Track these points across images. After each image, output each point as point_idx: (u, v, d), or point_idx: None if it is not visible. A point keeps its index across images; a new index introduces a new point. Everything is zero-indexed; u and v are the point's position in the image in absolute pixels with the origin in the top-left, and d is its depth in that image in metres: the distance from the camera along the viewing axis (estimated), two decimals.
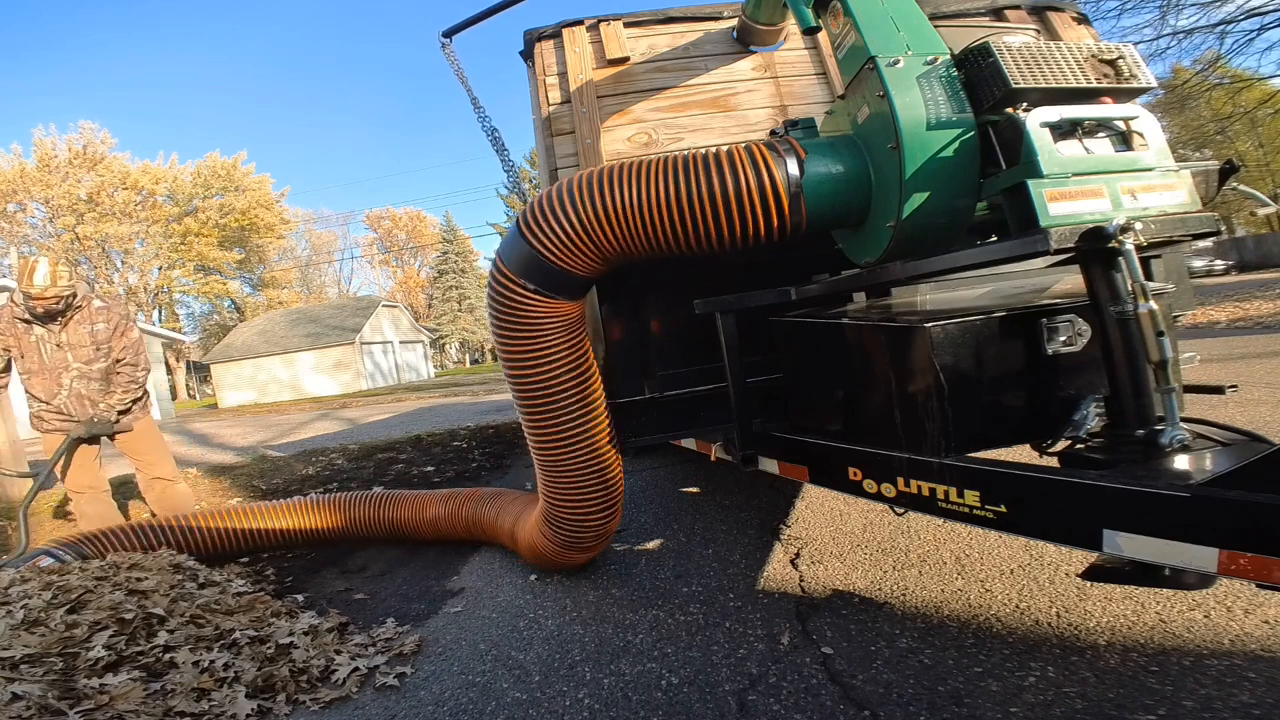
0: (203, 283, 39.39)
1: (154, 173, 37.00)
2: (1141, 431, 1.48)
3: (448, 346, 50.96)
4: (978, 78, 1.75)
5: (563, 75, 2.93)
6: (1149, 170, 1.63)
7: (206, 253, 37.86)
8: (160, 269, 37.94)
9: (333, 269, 53.36)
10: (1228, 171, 1.91)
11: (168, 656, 2.05)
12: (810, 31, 2.20)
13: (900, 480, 1.74)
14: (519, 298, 2.21)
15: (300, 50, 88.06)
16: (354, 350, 26.59)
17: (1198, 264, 24.01)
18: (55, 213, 33.41)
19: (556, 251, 2.09)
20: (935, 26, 1.92)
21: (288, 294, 44.95)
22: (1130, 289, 1.45)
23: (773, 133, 2.23)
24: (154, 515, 3.79)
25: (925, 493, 1.67)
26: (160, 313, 39.91)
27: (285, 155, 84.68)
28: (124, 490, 5.48)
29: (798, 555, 2.76)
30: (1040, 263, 2.30)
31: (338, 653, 2.25)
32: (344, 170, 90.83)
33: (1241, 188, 2.02)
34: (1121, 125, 1.66)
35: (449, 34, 2.74)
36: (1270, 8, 11.79)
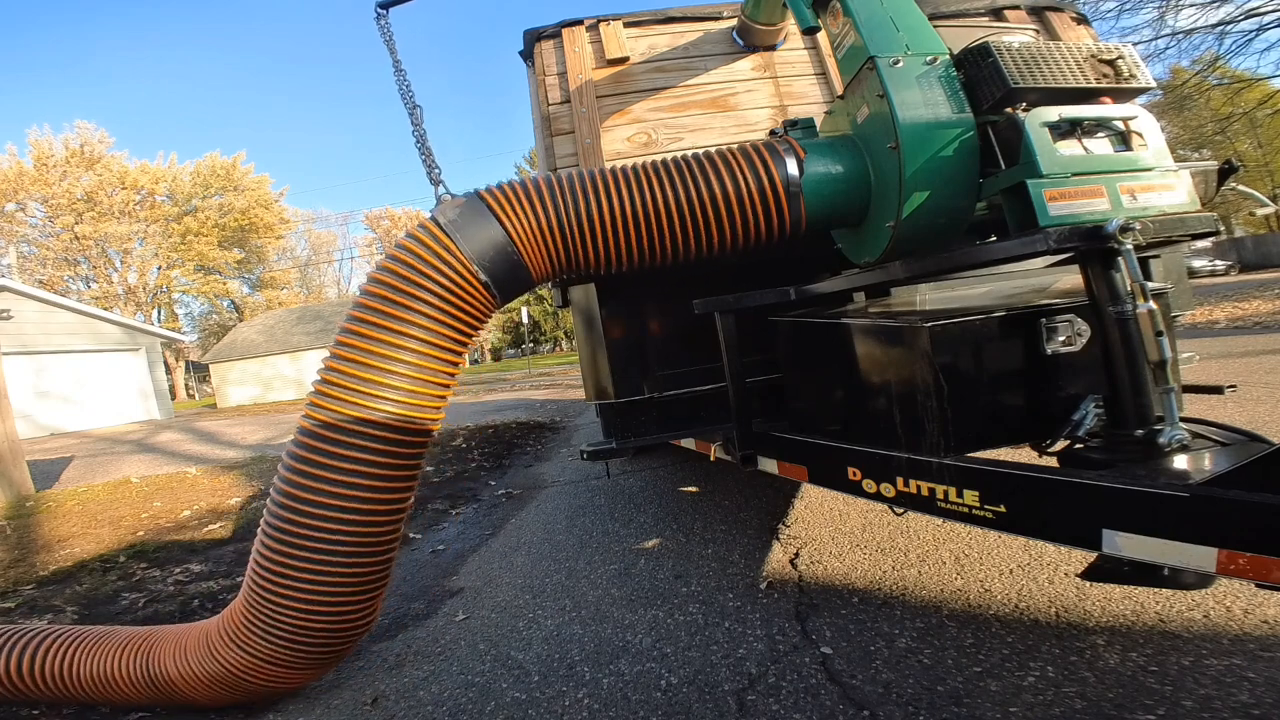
0: (203, 282, 39.37)
1: (153, 172, 37.01)
2: (1141, 431, 1.48)
3: None
4: (977, 78, 1.75)
5: (562, 75, 2.93)
6: (1148, 170, 1.63)
7: (206, 252, 37.85)
8: (159, 269, 37.92)
9: (332, 269, 53.36)
10: (1227, 171, 1.91)
11: None
12: (810, 31, 2.20)
13: (899, 480, 1.74)
14: (460, 285, 1.87)
15: (298, 49, 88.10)
16: None
17: (1198, 264, 24.07)
18: (54, 212, 33.35)
19: (530, 243, 1.89)
20: (934, 26, 1.92)
21: (287, 294, 44.88)
22: (1129, 289, 1.45)
23: (772, 133, 2.23)
24: None
25: (924, 492, 1.67)
26: (159, 312, 39.91)
27: (284, 155, 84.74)
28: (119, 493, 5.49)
29: (797, 555, 2.76)
30: (1039, 262, 2.31)
31: None
32: (343, 170, 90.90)
33: (1241, 188, 2.02)
34: (1121, 125, 1.66)
35: (386, 6, 2.75)
36: (1269, 8, 11.80)
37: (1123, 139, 1.66)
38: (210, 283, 39.76)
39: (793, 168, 1.93)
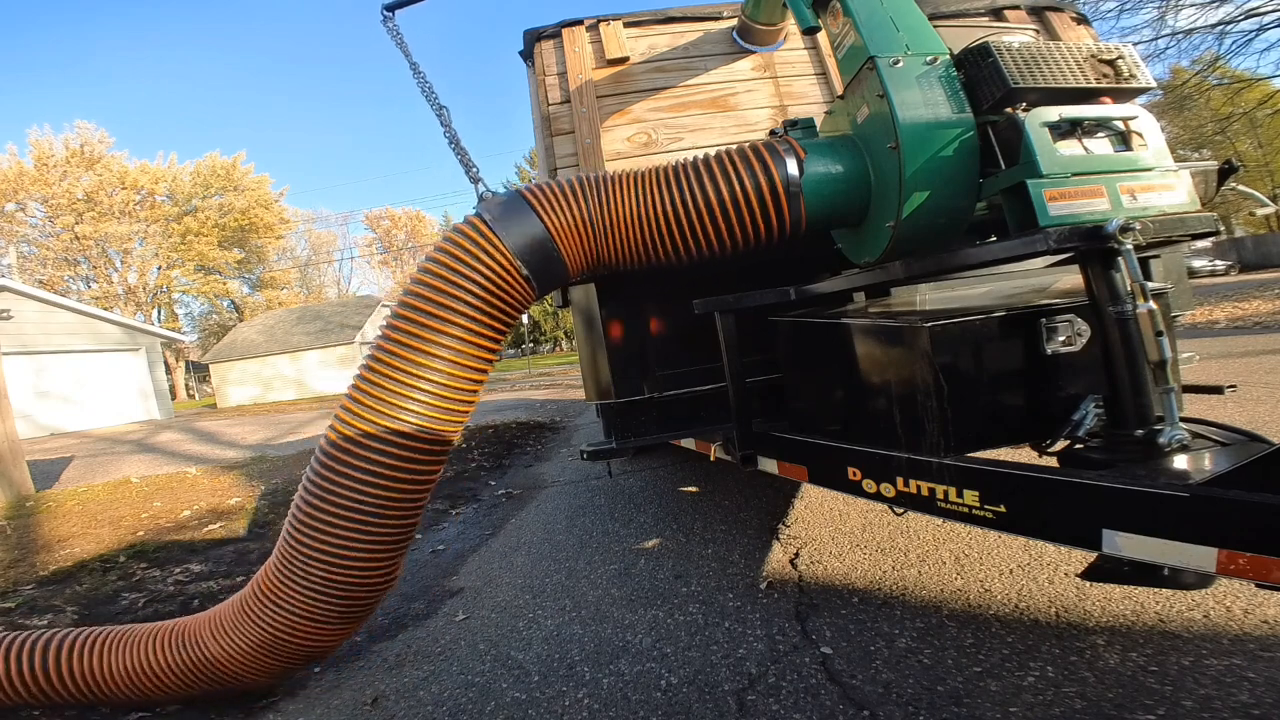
0: (203, 282, 39.41)
1: (152, 172, 37.06)
2: (1141, 431, 1.48)
3: None
4: (977, 77, 1.75)
5: (562, 75, 2.93)
6: (1148, 170, 1.63)
7: (206, 252, 37.94)
8: (159, 269, 37.91)
9: (332, 269, 53.38)
10: (1227, 172, 1.90)
11: None
12: (810, 31, 2.20)
13: (899, 480, 1.74)
14: (503, 278, 1.97)
15: (298, 49, 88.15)
16: (355, 349, 26.26)
17: (1198, 264, 24.04)
18: (55, 212, 33.34)
19: (562, 235, 1.98)
20: (934, 27, 1.92)
21: (287, 294, 44.86)
22: (1129, 289, 1.45)
23: (772, 133, 2.23)
24: None
25: (924, 492, 1.67)
26: (159, 312, 39.89)
27: (284, 155, 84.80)
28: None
29: (797, 555, 2.76)
30: (1039, 262, 2.31)
31: None
32: (343, 170, 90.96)
33: (1241, 188, 2.02)
34: (1121, 125, 1.66)
35: (391, 8, 2.76)
36: (1269, 8, 11.81)
37: (1123, 139, 1.66)
38: (210, 283, 39.75)
39: (792, 167, 1.94)
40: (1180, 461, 1.43)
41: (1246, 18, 12.12)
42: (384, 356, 1.96)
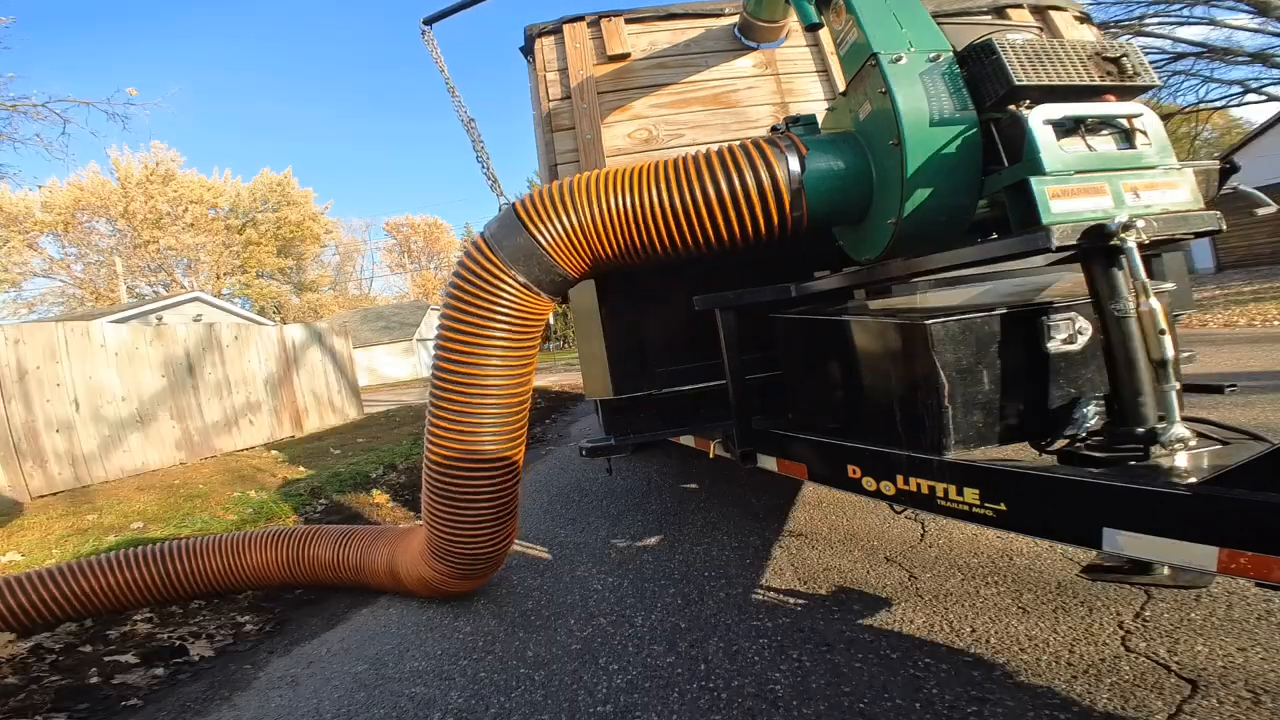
0: (260, 287, 40.94)
1: (216, 188, 38.68)
2: (1142, 429, 1.47)
3: None
4: (980, 75, 1.74)
5: (563, 71, 2.92)
6: (1151, 168, 1.62)
7: (265, 260, 40.19)
8: (221, 275, 38.56)
9: (355, 273, 55.17)
10: (1228, 171, 1.90)
11: None
12: (813, 28, 2.19)
13: (899, 478, 1.74)
14: (502, 287, 2.11)
15: (302, 48, 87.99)
16: (414, 344, 33.25)
17: (1244, 188, 23.67)
18: (141, 226, 34.23)
19: (556, 247, 2.05)
20: (937, 24, 1.91)
21: (324, 297, 45.52)
22: (1132, 287, 1.44)
23: (774, 129, 2.22)
24: None
25: (924, 490, 1.67)
26: None
27: (300, 162, 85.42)
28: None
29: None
30: (1041, 260, 2.30)
31: None
32: (361, 178, 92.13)
33: (1242, 187, 2.01)
34: (1124, 123, 1.65)
35: (430, 21, 2.77)
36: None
37: (1126, 136, 1.65)
38: (266, 287, 40.84)
39: (794, 164, 1.93)
40: (1181, 460, 1.43)
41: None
42: (446, 362, 2.20)
